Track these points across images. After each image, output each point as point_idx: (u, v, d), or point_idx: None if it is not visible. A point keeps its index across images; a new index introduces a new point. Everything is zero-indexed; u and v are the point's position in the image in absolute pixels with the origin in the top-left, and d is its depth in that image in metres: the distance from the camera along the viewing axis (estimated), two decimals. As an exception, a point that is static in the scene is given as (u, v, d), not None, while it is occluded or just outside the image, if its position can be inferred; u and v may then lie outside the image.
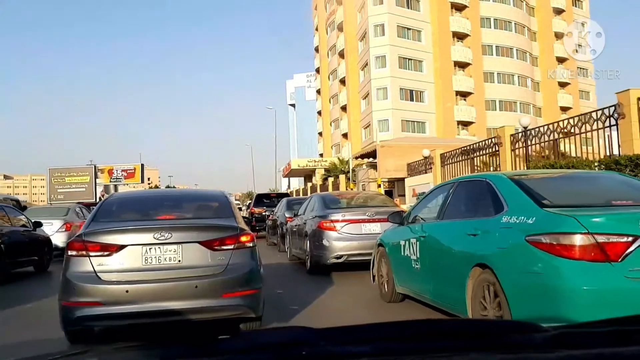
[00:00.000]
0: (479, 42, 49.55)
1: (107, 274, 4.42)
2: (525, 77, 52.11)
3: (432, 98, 47.13)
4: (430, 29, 47.61)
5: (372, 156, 24.32)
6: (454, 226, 4.87)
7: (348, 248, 8.84)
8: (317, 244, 9.11)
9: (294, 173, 56.83)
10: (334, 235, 8.91)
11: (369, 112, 46.74)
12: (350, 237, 8.88)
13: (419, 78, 46.80)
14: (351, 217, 9.09)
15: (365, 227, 9.00)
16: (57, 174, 39.75)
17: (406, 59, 46.65)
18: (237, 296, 4.58)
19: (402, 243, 5.83)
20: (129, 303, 4.36)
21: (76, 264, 4.49)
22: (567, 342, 1.10)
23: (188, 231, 4.74)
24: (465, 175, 14.49)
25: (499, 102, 50.56)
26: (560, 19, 56.13)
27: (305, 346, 1.06)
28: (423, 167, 18.67)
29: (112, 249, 4.49)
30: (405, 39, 46.75)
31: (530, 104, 51.99)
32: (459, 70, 49.37)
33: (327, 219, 9.10)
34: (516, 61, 51.30)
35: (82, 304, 4.37)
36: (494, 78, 50.53)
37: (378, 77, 45.79)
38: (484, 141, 14.21)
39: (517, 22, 51.72)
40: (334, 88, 56.65)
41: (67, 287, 4.46)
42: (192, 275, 4.52)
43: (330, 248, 8.87)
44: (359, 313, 6.09)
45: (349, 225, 8.98)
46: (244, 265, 4.68)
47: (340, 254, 8.84)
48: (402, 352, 1.08)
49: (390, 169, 20.50)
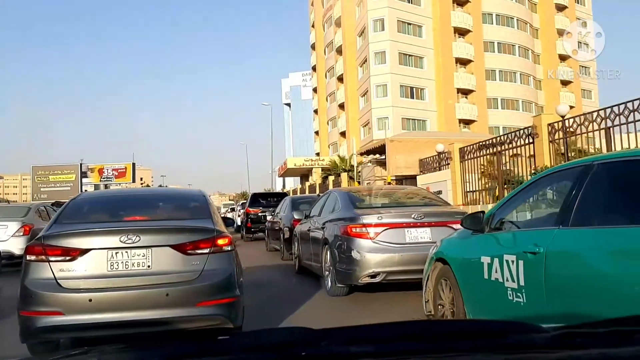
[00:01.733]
0: (481, 38, 48.34)
1: (68, 280, 4.08)
2: (528, 74, 50.95)
3: (432, 95, 45.88)
4: (431, 24, 46.32)
5: (378, 152, 22.71)
6: (610, 238, 2.94)
7: (387, 263, 6.53)
8: (343, 256, 6.82)
9: (289, 173, 55.43)
10: (367, 245, 6.57)
11: (368, 109, 45.37)
12: (390, 248, 6.57)
13: (420, 75, 45.51)
14: (391, 221, 6.73)
15: (410, 233, 6.70)
16: (41, 172, 37.78)
17: (406, 55, 45.31)
18: (213, 305, 4.22)
19: (486, 261, 3.86)
20: (93, 313, 4.01)
21: (35, 270, 4.13)
22: (568, 342, 1.11)
23: (158, 234, 4.35)
24: (568, 162, 12.88)
25: (501, 100, 49.45)
26: (563, 16, 55.20)
27: (305, 346, 1.07)
28: (437, 164, 17.11)
29: (74, 254, 4.12)
30: (406, 35, 45.47)
31: (532, 103, 50.91)
32: (461, 67, 48.13)
33: (357, 223, 6.76)
34: (518, 58, 50.16)
35: (41, 314, 4.01)
36: (496, 75, 49.34)
37: (377, 73, 44.44)
38: (514, 132, 12.62)
39: (519, 19, 50.58)
40: (331, 86, 55.25)
41: (26, 296, 4.09)
42: (163, 282, 4.17)
43: (362, 263, 6.54)
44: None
45: (388, 232, 6.65)
46: (220, 271, 4.32)
47: (376, 271, 6.54)
48: (403, 352, 1.08)
49: (401, 166, 18.89)
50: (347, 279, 6.80)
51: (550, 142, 11.12)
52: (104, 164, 43.28)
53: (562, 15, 55.31)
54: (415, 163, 18.10)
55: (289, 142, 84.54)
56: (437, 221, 6.82)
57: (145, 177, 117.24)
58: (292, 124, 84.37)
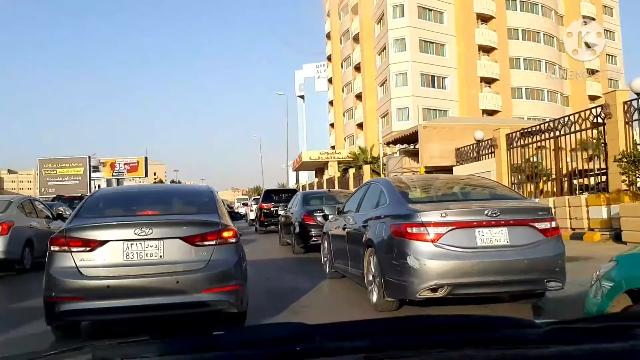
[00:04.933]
0: (505, 24, 46.33)
1: (88, 269, 4.48)
2: (553, 63, 48.67)
3: (455, 84, 44.03)
4: (453, 9, 44.39)
5: (406, 142, 20.93)
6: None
7: (454, 273, 5.15)
8: (396, 263, 5.39)
9: (304, 166, 53.98)
10: (427, 250, 5.17)
11: (387, 99, 43.59)
12: (458, 254, 5.15)
13: (441, 63, 43.61)
14: (457, 219, 5.31)
15: (482, 235, 5.23)
16: (48, 165, 36.28)
17: (427, 42, 43.44)
18: (218, 292, 4.61)
19: None
20: (110, 298, 4.42)
21: (58, 260, 4.55)
22: (560, 337, 1.12)
23: (169, 227, 4.74)
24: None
25: (525, 89, 47.40)
26: (588, 2, 52.97)
27: (300, 341, 1.07)
28: (476, 153, 15.39)
29: (93, 245, 4.53)
30: (427, 21, 43.58)
31: (557, 92, 48.89)
32: (484, 55, 46.10)
33: (413, 222, 5.32)
34: (543, 46, 48.07)
35: (64, 299, 4.44)
36: (520, 64, 47.31)
37: (397, 61, 42.64)
38: (578, 113, 10.83)
39: (543, 5, 48.45)
40: (347, 76, 53.49)
41: (50, 283, 4.52)
42: (173, 270, 4.54)
43: (421, 273, 5.14)
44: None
45: (454, 233, 5.20)
46: (226, 261, 4.70)
47: (439, 283, 5.11)
48: (397, 347, 1.08)
49: (435, 155, 17.10)
50: (400, 292, 5.44)
51: (626, 124, 9.38)
52: (115, 158, 42.42)
53: (587, 1, 53.11)
54: (450, 152, 16.38)
55: (303, 135, 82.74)
56: (516, 219, 5.40)
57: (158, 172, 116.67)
58: (305, 116, 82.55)
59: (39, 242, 10.15)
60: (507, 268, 5.17)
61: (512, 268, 5.17)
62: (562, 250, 5.40)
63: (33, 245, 10.17)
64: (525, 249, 5.21)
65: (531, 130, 12.37)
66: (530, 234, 5.29)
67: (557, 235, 5.50)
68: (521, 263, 5.17)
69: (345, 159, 41.85)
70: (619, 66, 57.76)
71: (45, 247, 10.78)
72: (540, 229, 5.34)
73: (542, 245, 5.28)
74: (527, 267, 5.19)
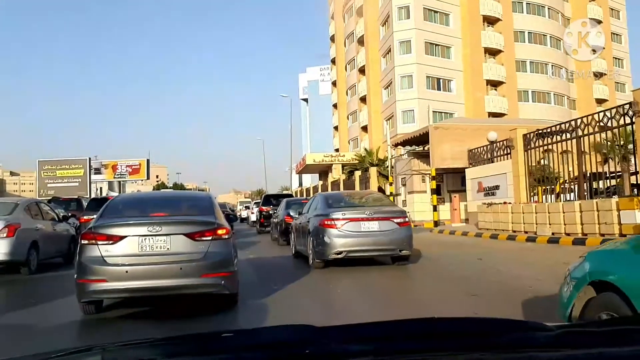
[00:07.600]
0: (511, 27, 45.87)
1: (111, 257, 5.65)
2: (559, 66, 48.15)
3: (460, 87, 43.55)
4: (459, 11, 43.94)
5: (414, 143, 20.36)
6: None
7: (348, 245, 9.50)
8: (319, 241, 9.70)
9: (308, 169, 53.43)
10: (334, 233, 9.50)
11: (392, 102, 43.11)
12: (350, 235, 9.51)
13: (447, 65, 43.15)
14: (351, 216, 9.61)
15: (364, 225, 9.56)
16: (47, 166, 35.80)
17: (433, 45, 42.97)
18: (214, 276, 5.81)
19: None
20: (128, 280, 5.63)
21: (87, 250, 5.70)
22: (569, 341, 1.11)
23: (175, 225, 5.94)
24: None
25: (532, 92, 46.86)
26: (595, 5, 52.50)
27: (308, 345, 1.07)
28: (489, 154, 14.84)
29: (115, 239, 5.71)
30: (432, 23, 43.14)
31: (564, 96, 48.42)
32: (490, 57, 45.60)
33: (328, 218, 9.66)
34: (549, 49, 47.53)
35: (92, 281, 5.61)
36: (527, 67, 46.81)
37: (402, 63, 42.17)
38: (604, 112, 10.30)
39: (550, 7, 47.98)
40: (351, 78, 53.06)
41: (81, 268, 5.70)
42: (178, 259, 5.72)
43: (331, 245, 9.48)
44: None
45: (349, 224, 9.53)
46: (220, 253, 5.87)
47: (340, 250, 9.47)
48: (405, 350, 1.08)
49: (447, 157, 16.56)
50: (321, 256, 9.74)
51: (656, 123, 8.87)
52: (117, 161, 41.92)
53: (594, 4, 52.59)
54: (462, 154, 15.86)
55: (306, 138, 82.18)
56: (383, 217, 9.68)
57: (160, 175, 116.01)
58: (309, 120, 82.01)
59: (44, 244, 10.23)
60: (377, 242, 9.56)
61: (380, 242, 9.55)
62: (410, 234, 9.82)
63: (38, 247, 10.10)
64: (387, 232, 9.51)
65: (550, 130, 11.82)
66: (390, 225, 9.58)
67: (407, 226, 9.88)
68: (385, 240, 9.51)
69: (349, 161, 41.32)
70: (626, 69, 57.29)
71: (50, 249, 10.76)
72: (396, 222, 9.66)
73: (398, 231, 9.57)
74: (389, 241, 9.52)
